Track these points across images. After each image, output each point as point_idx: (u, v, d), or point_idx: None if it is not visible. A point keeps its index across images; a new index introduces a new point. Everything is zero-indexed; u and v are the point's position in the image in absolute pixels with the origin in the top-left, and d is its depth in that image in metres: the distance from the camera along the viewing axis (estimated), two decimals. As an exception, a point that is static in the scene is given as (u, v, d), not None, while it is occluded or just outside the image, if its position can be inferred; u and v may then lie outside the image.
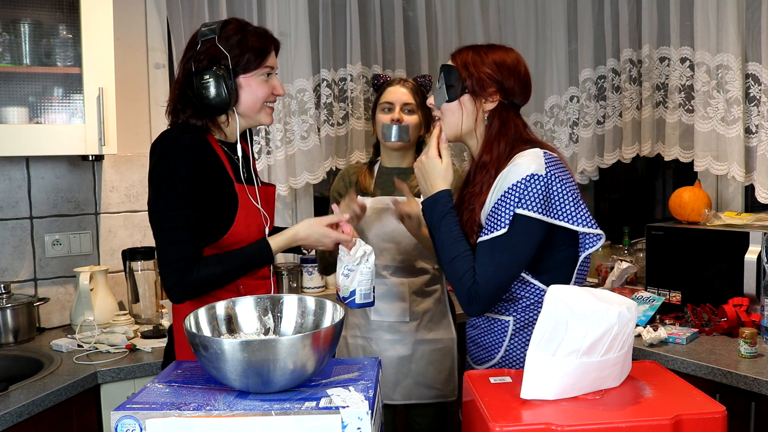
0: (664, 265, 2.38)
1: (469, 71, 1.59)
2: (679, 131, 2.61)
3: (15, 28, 2.19)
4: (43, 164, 2.42)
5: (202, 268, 1.55)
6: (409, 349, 2.12)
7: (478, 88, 1.59)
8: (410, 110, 2.10)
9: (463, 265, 1.54)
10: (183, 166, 1.55)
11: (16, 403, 1.68)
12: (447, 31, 3.12)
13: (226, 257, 1.60)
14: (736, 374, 1.78)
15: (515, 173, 1.51)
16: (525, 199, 1.49)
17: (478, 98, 1.59)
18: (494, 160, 1.58)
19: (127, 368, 1.99)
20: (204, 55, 1.60)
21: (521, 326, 1.61)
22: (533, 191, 1.49)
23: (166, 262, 1.54)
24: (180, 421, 1.13)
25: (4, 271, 2.37)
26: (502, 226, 1.50)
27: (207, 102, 1.60)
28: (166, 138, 1.60)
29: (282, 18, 2.72)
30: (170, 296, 1.56)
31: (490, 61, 1.59)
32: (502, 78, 1.59)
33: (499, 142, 1.59)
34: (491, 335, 1.67)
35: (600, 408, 1.26)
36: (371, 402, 1.16)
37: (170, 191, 1.54)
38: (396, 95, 2.11)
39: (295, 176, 2.80)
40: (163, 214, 1.55)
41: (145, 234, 2.60)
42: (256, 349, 1.16)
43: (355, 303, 1.70)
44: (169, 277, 1.53)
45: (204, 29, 1.62)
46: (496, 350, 1.66)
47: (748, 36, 2.39)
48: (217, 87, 1.59)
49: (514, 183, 1.50)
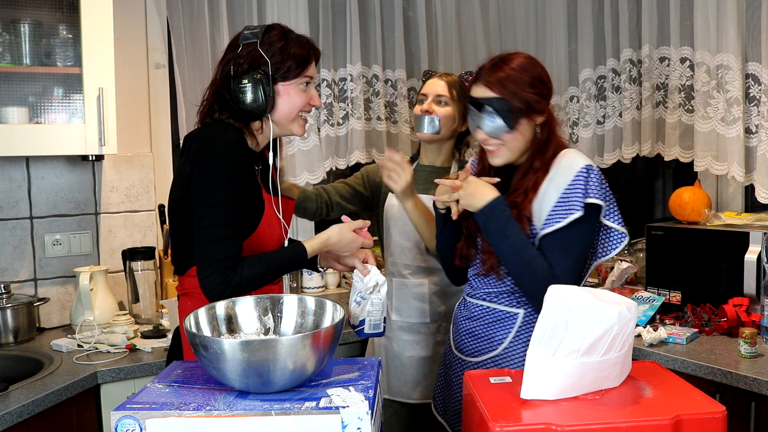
0: (664, 265, 2.38)
1: (519, 97, 1.61)
2: (679, 131, 2.60)
3: (15, 28, 2.19)
4: (43, 164, 2.42)
5: (246, 268, 1.51)
6: (429, 350, 2.11)
7: (530, 110, 1.63)
8: (444, 102, 2.06)
9: (540, 264, 1.57)
10: (227, 162, 1.52)
11: (16, 403, 1.68)
12: (447, 31, 3.12)
13: (267, 258, 1.57)
14: (736, 374, 1.78)
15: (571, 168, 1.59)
16: (590, 189, 1.57)
17: (530, 118, 1.65)
18: (545, 164, 1.64)
19: (127, 368, 1.99)
20: (244, 58, 1.59)
21: (530, 320, 1.65)
22: (594, 181, 1.57)
23: (209, 260, 1.49)
24: (180, 421, 1.13)
25: (4, 271, 2.37)
26: (576, 210, 1.55)
27: (243, 106, 1.59)
28: (209, 134, 1.57)
29: (282, 18, 2.72)
30: (210, 295, 1.49)
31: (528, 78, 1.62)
32: (542, 90, 1.65)
33: (548, 147, 1.66)
34: (495, 326, 1.70)
35: (600, 408, 1.26)
36: (371, 402, 1.16)
37: (214, 188, 1.51)
38: (430, 87, 2.09)
39: (295, 176, 2.80)
40: (204, 211, 1.51)
41: (145, 234, 2.60)
42: (256, 349, 1.16)
43: (364, 332, 1.70)
44: (212, 276, 1.48)
45: (247, 32, 1.61)
46: (499, 342, 1.68)
47: (748, 36, 2.38)
48: (254, 92, 1.58)
49: (578, 173, 1.57)
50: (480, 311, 1.73)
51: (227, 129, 1.58)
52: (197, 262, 1.51)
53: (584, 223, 1.57)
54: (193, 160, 1.53)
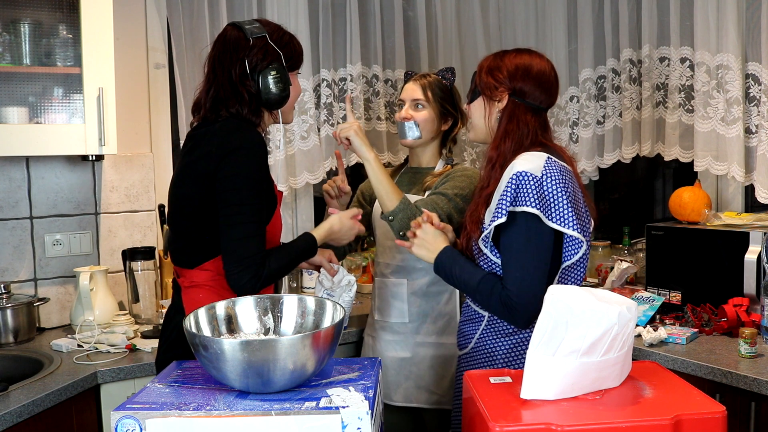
0: (664, 265, 2.38)
1: (481, 75, 1.71)
2: (679, 131, 2.60)
3: (15, 28, 2.19)
4: (43, 164, 2.42)
5: (272, 261, 1.59)
6: (409, 351, 2.11)
7: (488, 90, 1.69)
8: (421, 105, 2.09)
9: (486, 285, 1.60)
10: (255, 161, 1.58)
11: (16, 403, 1.68)
12: (447, 31, 3.12)
13: (287, 250, 1.68)
14: (736, 374, 1.78)
15: (507, 173, 1.58)
16: (520, 197, 1.54)
17: (489, 100, 1.70)
18: (499, 157, 1.64)
19: (127, 368, 1.99)
20: (260, 52, 1.65)
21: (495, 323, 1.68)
22: (525, 189, 1.54)
23: (240, 257, 1.54)
24: (180, 421, 1.13)
25: (4, 271, 2.37)
26: (498, 217, 1.55)
27: (271, 97, 1.66)
28: (229, 131, 1.61)
29: (282, 18, 2.72)
30: (241, 290, 1.55)
31: (502, 64, 1.69)
32: (509, 79, 1.67)
33: (506, 140, 1.65)
34: (470, 324, 1.75)
35: (600, 408, 1.26)
36: (371, 402, 1.16)
37: (243, 186, 1.56)
38: (407, 93, 2.12)
39: (295, 176, 2.80)
40: (234, 209, 1.56)
41: (145, 234, 2.60)
42: (256, 349, 1.16)
43: None
44: (245, 272, 1.54)
45: (250, 27, 1.66)
46: (469, 339, 1.74)
47: (748, 36, 2.38)
48: (284, 82, 1.66)
49: (508, 181, 1.56)
50: (465, 307, 1.81)
51: (248, 126, 1.64)
52: (226, 258, 1.56)
53: (523, 231, 1.55)
54: (219, 159, 1.57)
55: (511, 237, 1.56)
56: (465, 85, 2.90)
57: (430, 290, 2.11)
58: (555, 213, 1.54)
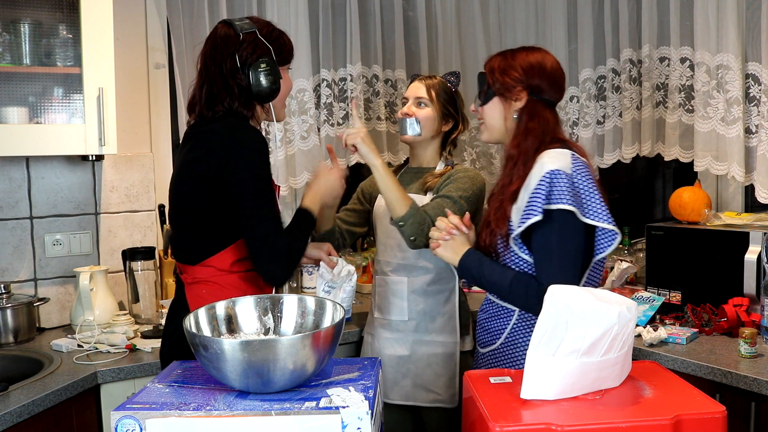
0: (664, 265, 2.38)
1: (494, 76, 1.72)
2: (679, 131, 2.60)
3: (15, 28, 2.19)
4: (43, 164, 2.42)
5: (296, 247, 1.65)
6: (407, 348, 2.12)
7: (505, 90, 1.71)
8: (424, 104, 2.11)
9: (520, 284, 1.62)
10: (262, 159, 1.62)
11: (16, 403, 1.68)
12: (447, 31, 3.12)
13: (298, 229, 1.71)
14: (736, 374, 1.78)
15: (538, 171, 1.60)
16: (554, 194, 1.57)
17: (506, 100, 1.72)
18: (521, 154, 1.67)
19: (127, 368, 1.99)
20: (250, 47, 1.66)
21: (526, 318, 1.69)
22: (559, 186, 1.57)
23: (273, 253, 1.58)
24: (180, 421, 1.13)
25: (4, 271, 2.37)
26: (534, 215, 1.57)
27: (262, 90, 1.67)
28: (230, 130, 1.63)
29: (282, 18, 2.72)
30: (276, 283, 1.63)
31: (515, 63, 1.71)
32: (526, 77, 1.70)
33: (527, 137, 1.68)
34: (496, 320, 1.76)
35: (600, 408, 1.26)
36: (371, 402, 1.16)
37: (257, 185, 1.60)
38: (411, 90, 2.16)
39: (295, 176, 2.80)
40: (254, 210, 1.59)
41: (145, 234, 2.60)
42: (256, 349, 1.16)
43: None
44: (278, 267, 1.60)
45: (240, 23, 1.68)
46: (498, 335, 1.74)
47: (748, 36, 2.38)
48: (274, 75, 1.67)
49: (540, 179, 1.59)
50: (487, 303, 1.82)
51: (245, 123, 1.66)
52: (256, 259, 1.60)
53: (558, 228, 1.58)
54: (223, 159, 1.59)
55: (546, 234, 1.59)
56: (465, 85, 2.92)
57: (430, 288, 2.11)
58: (589, 208, 1.59)
